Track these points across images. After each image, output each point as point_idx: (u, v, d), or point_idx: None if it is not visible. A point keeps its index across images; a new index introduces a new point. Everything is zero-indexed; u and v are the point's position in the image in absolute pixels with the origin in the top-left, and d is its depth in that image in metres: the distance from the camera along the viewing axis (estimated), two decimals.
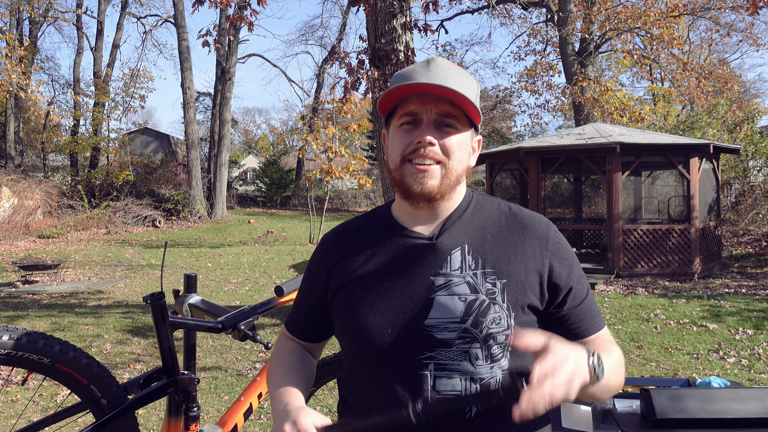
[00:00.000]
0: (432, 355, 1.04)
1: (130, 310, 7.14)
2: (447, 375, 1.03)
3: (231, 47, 23.60)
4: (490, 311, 1.04)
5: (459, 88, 1.03)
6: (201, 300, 2.03)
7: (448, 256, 1.08)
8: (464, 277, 1.06)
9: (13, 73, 16.67)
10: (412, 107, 1.06)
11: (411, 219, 1.13)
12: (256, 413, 3.78)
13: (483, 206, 1.16)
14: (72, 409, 1.73)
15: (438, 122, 1.06)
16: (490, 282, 1.06)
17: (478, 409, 1.04)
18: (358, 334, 1.08)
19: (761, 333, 5.66)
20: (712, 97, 15.69)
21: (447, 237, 1.10)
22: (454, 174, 1.07)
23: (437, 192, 1.06)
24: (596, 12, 15.15)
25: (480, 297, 1.04)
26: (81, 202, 20.26)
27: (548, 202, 13.26)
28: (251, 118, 62.94)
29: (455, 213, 1.12)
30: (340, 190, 34.14)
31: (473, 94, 1.07)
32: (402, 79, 1.07)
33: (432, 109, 1.05)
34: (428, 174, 1.05)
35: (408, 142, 1.06)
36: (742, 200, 13.14)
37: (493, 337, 1.03)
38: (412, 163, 1.06)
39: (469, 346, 1.03)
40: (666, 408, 1.73)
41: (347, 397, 1.19)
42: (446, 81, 1.03)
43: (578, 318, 1.11)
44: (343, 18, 26.39)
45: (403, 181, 1.07)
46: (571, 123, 23.05)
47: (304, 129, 16.16)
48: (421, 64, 1.09)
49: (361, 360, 1.11)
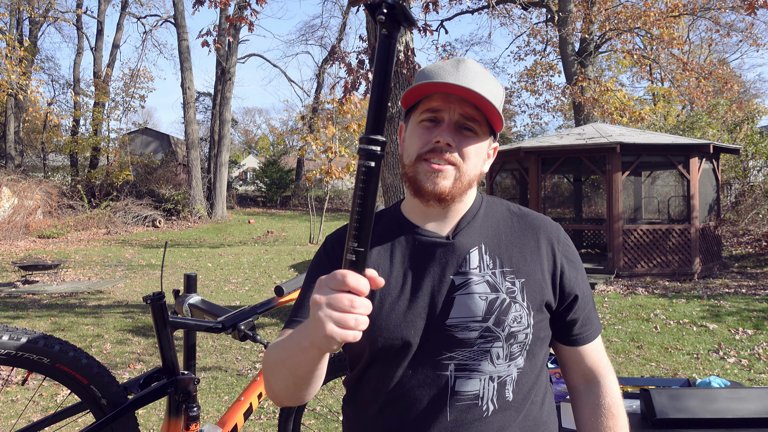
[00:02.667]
0: (452, 356, 1.03)
1: (130, 310, 7.14)
2: (467, 375, 1.03)
3: (231, 47, 23.60)
4: (512, 310, 1.04)
5: (485, 92, 1.01)
6: (201, 300, 2.03)
7: (466, 255, 1.07)
8: (483, 276, 1.06)
9: (13, 74, 16.67)
10: (435, 104, 1.05)
11: (423, 218, 1.12)
12: (256, 413, 3.78)
13: (493, 207, 1.16)
14: (72, 409, 1.73)
15: (459, 124, 1.05)
16: (509, 281, 1.06)
17: (495, 408, 1.04)
18: (377, 335, 1.05)
19: (761, 333, 5.66)
20: (712, 97, 15.69)
21: (464, 237, 1.09)
22: (467, 178, 1.06)
23: (448, 193, 1.05)
24: (596, 12, 15.15)
25: (501, 296, 1.04)
26: (81, 202, 20.26)
27: (548, 202, 13.26)
28: (251, 118, 62.95)
29: (469, 213, 1.12)
30: (340, 190, 34.12)
31: (498, 101, 1.06)
32: (429, 75, 1.06)
33: (455, 109, 1.04)
34: (442, 174, 1.04)
35: (426, 140, 1.05)
36: (742, 200, 13.14)
37: (514, 335, 1.04)
38: (427, 161, 1.04)
39: (491, 346, 1.03)
40: (666, 408, 1.73)
41: (353, 412, 1.15)
42: (473, 84, 1.02)
43: (581, 324, 1.14)
44: (343, 18, 26.42)
45: (416, 178, 1.06)
46: (571, 123, 23.05)
47: (304, 129, 16.17)
48: (450, 62, 1.07)
49: (379, 362, 1.07)
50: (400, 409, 1.05)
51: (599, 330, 1.18)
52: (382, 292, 1.07)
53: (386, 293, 1.07)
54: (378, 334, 1.05)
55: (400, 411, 1.05)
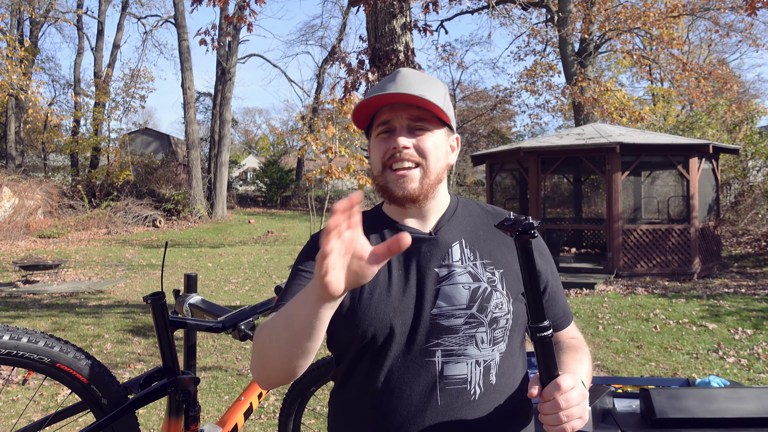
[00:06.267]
0: (439, 342, 1.09)
1: (131, 309, 7.15)
2: (454, 360, 1.09)
3: (231, 47, 23.60)
4: (493, 297, 1.12)
5: (424, 93, 1.10)
6: (201, 300, 2.04)
7: (448, 249, 1.16)
8: (465, 267, 1.14)
9: (14, 74, 16.66)
10: (384, 117, 1.14)
11: (404, 218, 1.20)
12: (256, 413, 3.79)
13: (468, 207, 1.26)
14: (72, 409, 1.74)
15: (410, 127, 1.14)
16: (489, 271, 1.15)
17: (482, 391, 1.10)
18: (367, 325, 1.10)
19: (760, 333, 5.66)
20: (712, 98, 15.69)
21: (445, 232, 1.18)
22: (433, 173, 1.14)
23: (419, 193, 1.13)
24: (596, 12, 15.16)
25: (482, 285, 1.13)
26: (81, 202, 20.26)
27: (548, 202, 13.27)
28: (251, 118, 62.96)
29: (448, 212, 1.21)
30: (340, 190, 34.11)
31: (439, 97, 1.14)
32: (370, 92, 1.15)
33: (402, 115, 1.13)
34: (407, 178, 1.12)
35: (385, 149, 1.14)
36: (742, 200, 13.14)
37: (497, 321, 1.11)
38: (392, 169, 1.13)
39: (476, 331, 1.10)
40: (665, 408, 1.74)
41: (341, 407, 1.18)
42: (411, 89, 1.11)
43: (554, 314, 1.24)
44: (343, 18, 26.42)
45: (386, 187, 1.14)
46: (571, 123, 23.04)
47: (304, 129, 16.16)
48: (388, 77, 1.17)
49: (369, 352, 1.12)
50: (391, 398, 1.10)
51: (572, 318, 1.30)
52: (371, 284, 1.13)
53: (375, 285, 1.13)
54: (368, 323, 1.10)
55: (391, 399, 1.10)
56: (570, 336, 1.27)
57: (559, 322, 1.25)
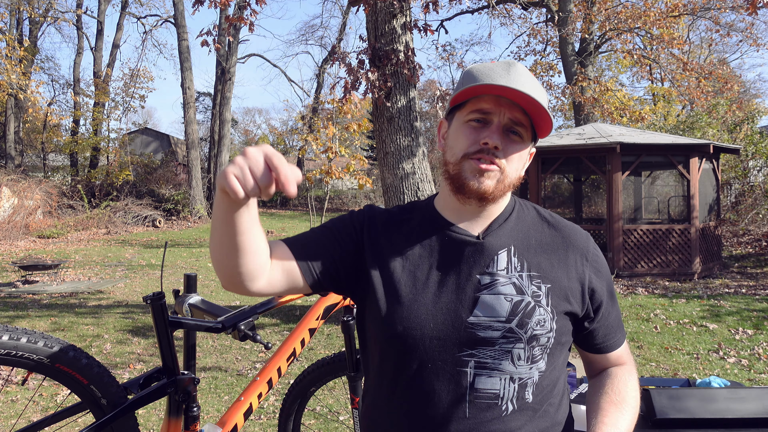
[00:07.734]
0: (473, 353, 1.04)
1: (130, 310, 7.14)
2: (487, 374, 1.04)
3: (231, 47, 23.59)
4: (536, 313, 1.05)
5: (538, 96, 1.02)
6: (201, 300, 2.03)
7: (494, 256, 1.09)
8: (510, 278, 1.07)
9: (13, 74, 16.67)
10: (486, 106, 1.05)
11: (456, 216, 1.12)
12: (256, 413, 3.79)
13: (525, 212, 1.17)
14: (72, 409, 1.73)
15: (507, 127, 1.06)
16: (536, 285, 1.07)
17: (515, 408, 1.05)
18: (396, 323, 1.06)
19: (761, 333, 5.66)
20: (712, 97, 15.68)
21: (494, 237, 1.10)
22: (509, 180, 1.07)
23: (491, 193, 1.06)
24: (596, 12, 15.14)
25: (526, 298, 1.06)
26: (81, 202, 20.25)
27: (548, 202, 13.27)
28: (251, 118, 62.88)
29: (502, 216, 1.13)
30: (340, 190, 34.11)
31: (547, 106, 1.08)
32: (479, 76, 1.05)
33: (505, 113, 1.05)
34: (488, 174, 1.04)
35: (474, 140, 1.05)
36: (742, 200, 13.14)
37: (536, 338, 1.05)
38: (475, 160, 1.05)
39: (513, 346, 1.04)
40: (666, 408, 1.73)
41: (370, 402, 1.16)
42: (525, 87, 1.02)
43: (605, 333, 1.17)
44: (343, 18, 26.40)
45: (460, 176, 1.06)
46: (571, 123, 23.04)
47: (304, 129, 16.16)
48: (500, 65, 1.07)
49: (395, 352, 1.08)
50: (418, 403, 1.06)
51: (623, 339, 1.21)
52: (407, 282, 1.08)
53: (410, 284, 1.08)
54: (398, 321, 1.06)
55: (418, 405, 1.06)
56: (619, 360, 1.20)
57: (609, 343, 1.18)
